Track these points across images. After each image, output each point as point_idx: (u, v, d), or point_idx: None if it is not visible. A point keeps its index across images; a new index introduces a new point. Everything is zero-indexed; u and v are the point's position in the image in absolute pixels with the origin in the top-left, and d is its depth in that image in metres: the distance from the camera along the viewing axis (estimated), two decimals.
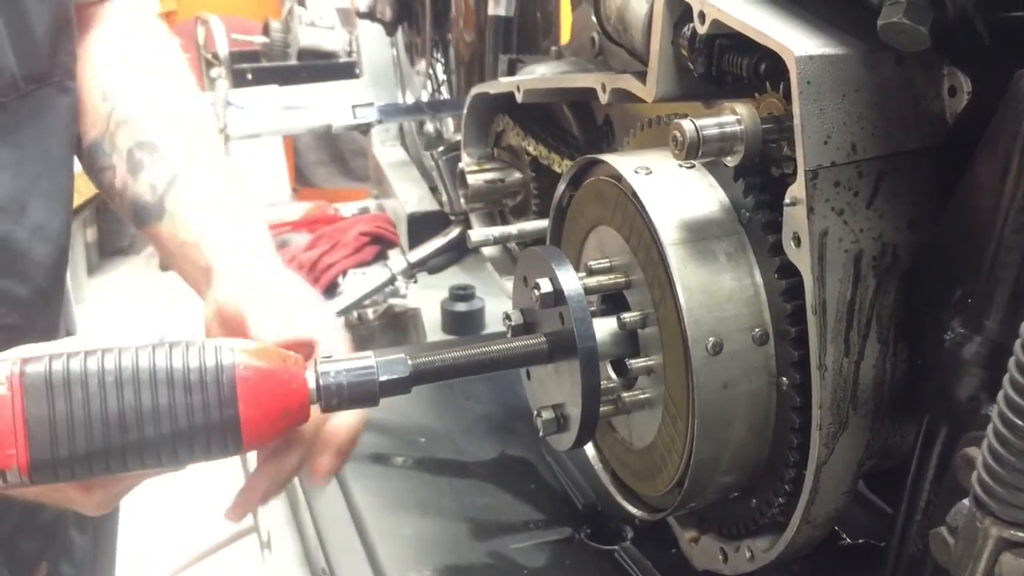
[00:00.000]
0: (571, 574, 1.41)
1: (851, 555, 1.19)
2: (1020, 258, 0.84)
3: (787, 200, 0.94)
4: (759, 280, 1.02)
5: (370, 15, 3.16)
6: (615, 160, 1.12)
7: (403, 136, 3.45)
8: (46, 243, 1.15)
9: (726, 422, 1.03)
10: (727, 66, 1.04)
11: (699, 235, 1.03)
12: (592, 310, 1.09)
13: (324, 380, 0.98)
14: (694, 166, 1.08)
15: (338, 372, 0.99)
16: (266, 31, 4.61)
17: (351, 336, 2.48)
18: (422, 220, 2.91)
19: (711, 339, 1.00)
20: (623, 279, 1.11)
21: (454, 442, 1.76)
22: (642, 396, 1.12)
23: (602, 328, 1.09)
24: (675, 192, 1.06)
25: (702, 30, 1.03)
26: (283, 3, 5.44)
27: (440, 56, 3.06)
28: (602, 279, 1.12)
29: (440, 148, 2.02)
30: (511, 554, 1.44)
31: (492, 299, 2.62)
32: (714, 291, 1.01)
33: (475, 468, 1.69)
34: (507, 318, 1.18)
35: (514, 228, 1.57)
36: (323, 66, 4.18)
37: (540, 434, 1.16)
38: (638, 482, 1.21)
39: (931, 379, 0.94)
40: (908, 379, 0.98)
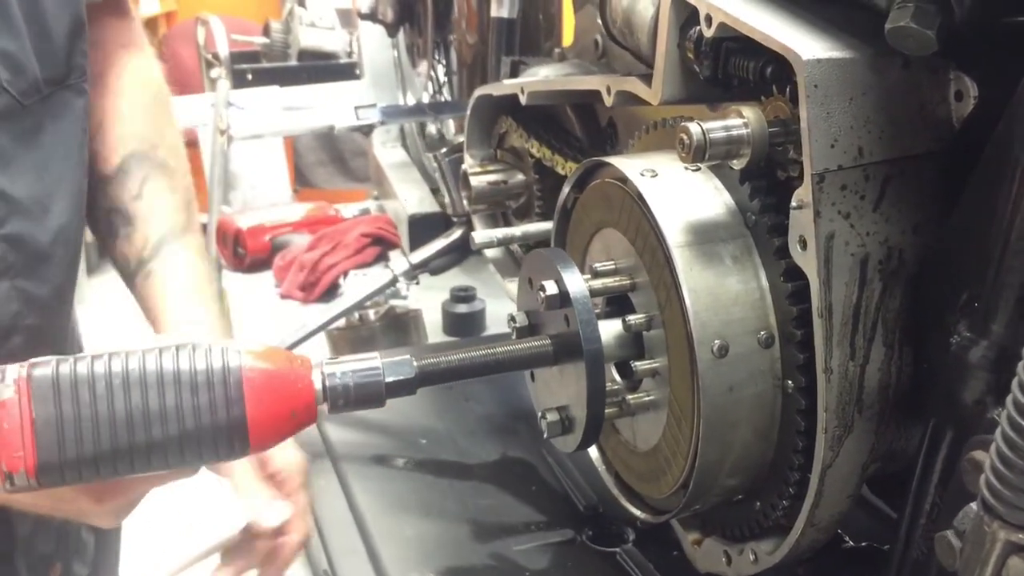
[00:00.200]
0: None
1: (854, 558, 1.19)
2: None
3: (793, 203, 0.94)
4: (765, 283, 1.02)
5: (372, 16, 3.16)
6: (621, 162, 1.12)
7: (404, 137, 3.45)
8: (66, 244, 1.16)
9: (731, 425, 1.03)
10: (733, 69, 1.04)
11: (705, 238, 1.03)
12: (596, 312, 1.09)
13: (330, 381, 0.98)
14: (700, 169, 1.08)
15: (344, 373, 0.98)
16: (266, 32, 4.61)
17: (352, 337, 2.48)
18: (423, 221, 2.91)
19: (717, 342, 1.00)
20: (628, 281, 1.12)
21: (455, 444, 1.76)
22: (647, 398, 1.12)
23: (607, 330, 1.09)
24: (681, 195, 1.06)
25: (709, 33, 1.03)
26: (283, 4, 5.44)
27: (441, 58, 3.06)
28: (607, 281, 1.13)
29: (443, 150, 2.02)
30: (513, 556, 1.44)
31: (493, 301, 2.62)
32: (720, 294, 1.01)
33: (476, 470, 1.69)
34: (512, 320, 1.18)
35: (518, 230, 1.57)
36: (323, 67, 4.18)
37: (545, 436, 1.16)
38: (642, 484, 1.21)
39: (937, 383, 0.95)
40: (913, 383, 0.98)
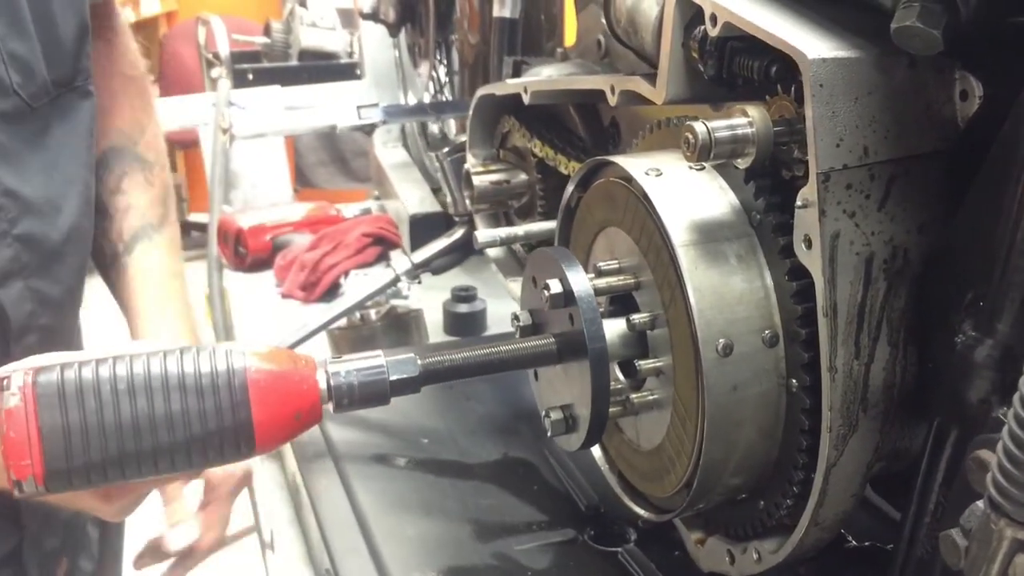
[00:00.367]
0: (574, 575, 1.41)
1: (857, 558, 1.19)
2: None
3: (799, 202, 0.94)
4: (769, 282, 1.02)
5: (373, 16, 3.16)
6: (625, 162, 1.12)
7: (405, 137, 3.45)
8: (76, 244, 1.17)
9: (736, 424, 1.03)
10: (738, 68, 1.04)
11: (710, 237, 1.03)
12: (600, 311, 1.09)
13: (335, 380, 0.98)
14: (704, 168, 1.08)
15: (348, 372, 0.99)
16: (267, 32, 4.60)
17: (353, 337, 2.48)
18: (424, 221, 2.91)
19: (721, 341, 1.00)
20: (632, 280, 1.12)
21: (457, 443, 1.76)
22: (651, 397, 1.12)
23: (611, 329, 1.10)
24: (686, 194, 1.06)
25: (713, 32, 1.03)
26: (284, 4, 5.44)
27: (443, 58, 3.06)
28: (611, 280, 1.13)
29: (445, 149, 2.01)
30: (515, 555, 1.44)
31: (494, 300, 2.61)
32: (724, 293, 1.01)
33: (478, 469, 1.69)
34: (515, 319, 1.18)
35: (521, 229, 1.57)
36: (324, 67, 4.18)
37: (548, 435, 1.16)
38: (645, 483, 1.21)
39: (941, 382, 0.95)
40: (918, 382, 0.99)
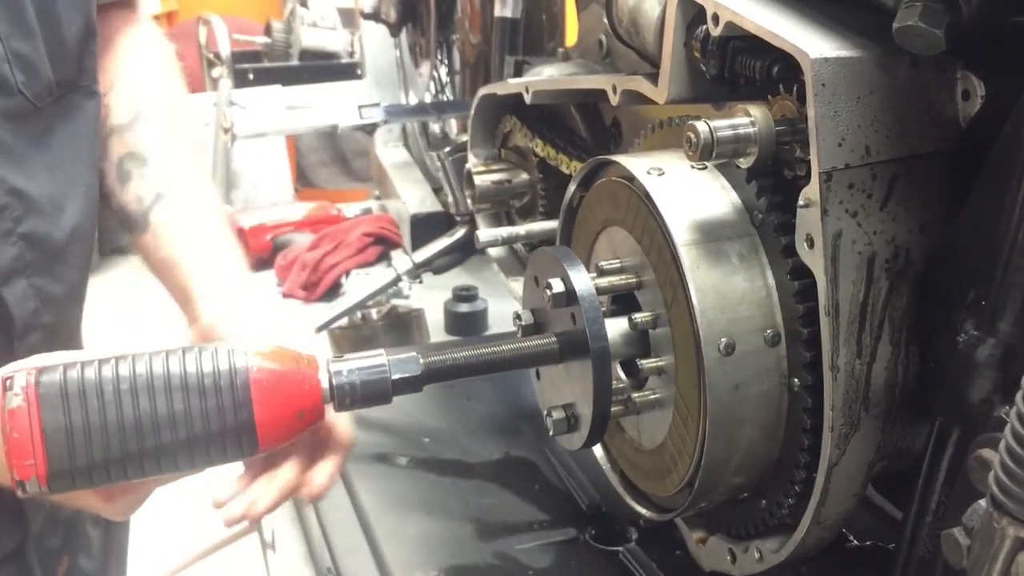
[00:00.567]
0: (576, 575, 1.41)
1: (859, 557, 1.20)
2: None
3: (801, 202, 0.94)
4: (771, 281, 1.02)
5: (374, 16, 3.16)
6: (627, 161, 1.12)
7: (406, 137, 3.45)
8: (80, 243, 1.17)
9: (737, 423, 1.03)
10: (740, 68, 1.04)
11: (712, 236, 1.03)
12: (602, 310, 1.09)
13: (337, 380, 0.98)
14: (706, 167, 1.08)
15: (351, 371, 0.99)
16: (268, 31, 4.61)
17: (354, 336, 2.48)
18: (425, 221, 2.92)
19: (723, 340, 1.00)
20: (634, 280, 1.12)
21: (458, 443, 1.76)
22: (653, 396, 1.12)
23: (613, 328, 1.10)
24: (688, 193, 1.06)
25: (715, 32, 1.03)
26: (285, 3, 5.44)
27: (444, 58, 3.06)
28: (613, 279, 1.13)
29: (446, 149, 2.02)
30: (516, 554, 1.44)
31: (495, 300, 2.62)
32: (726, 292, 1.01)
33: (479, 469, 1.69)
34: (517, 318, 1.18)
35: (522, 229, 1.57)
36: (325, 67, 4.18)
37: (550, 434, 1.16)
38: (647, 482, 1.21)
39: (943, 381, 0.95)
40: (920, 381, 0.99)
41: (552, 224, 1.47)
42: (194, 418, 0.91)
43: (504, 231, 1.59)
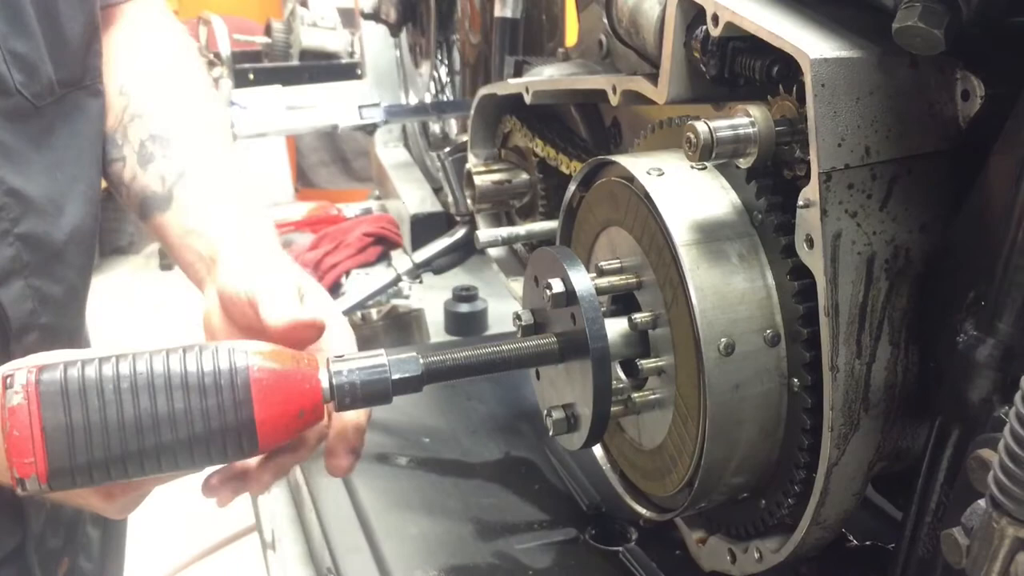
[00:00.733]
0: (576, 575, 1.41)
1: (858, 557, 1.19)
2: None
3: (800, 202, 0.94)
4: (771, 282, 1.02)
5: (375, 16, 3.17)
6: (627, 161, 1.12)
7: (406, 137, 3.46)
8: (80, 244, 1.17)
9: (737, 423, 1.03)
10: (740, 68, 1.05)
11: (711, 236, 1.03)
12: (602, 310, 1.09)
13: (337, 379, 0.98)
14: (706, 168, 1.08)
15: (351, 371, 0.99)
16: (268, 31, 4.60)
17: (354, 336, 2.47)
18: (425, 221, 2.92)
19: (723, 340, 1.00)
20: (634, 280, 1.12)
21: (459, 443, 1.76)
22: (652, 397, 1.12)
23: (613, 328, 1.10)
24: (687, 193, 1.06)
25: (715, 32, 1.03)
26: (285, 4, 5.44)
27: (444, 58, 3.06)
28: (613, 279, 1.13)
29: (446, 149, 2.02)
30: (516, 554, 1.44)
31: (495, 300, 2.62)
32: (726, 292, 1.01)
33: (480, 469, 1.69)
34: (517, 318, 1.18)
35: (522, 229, 1.58)
36: (325, 67, 4.18)
37: (550, 434, 1.16)
38: (647, 483, 1.21)
39: (943, 381, 0.95)
40: (920, 381, 0.99)
41: (552, 224, 1.48)
42: (194, 417, 0.91)
43: (504, 231, 1.59)
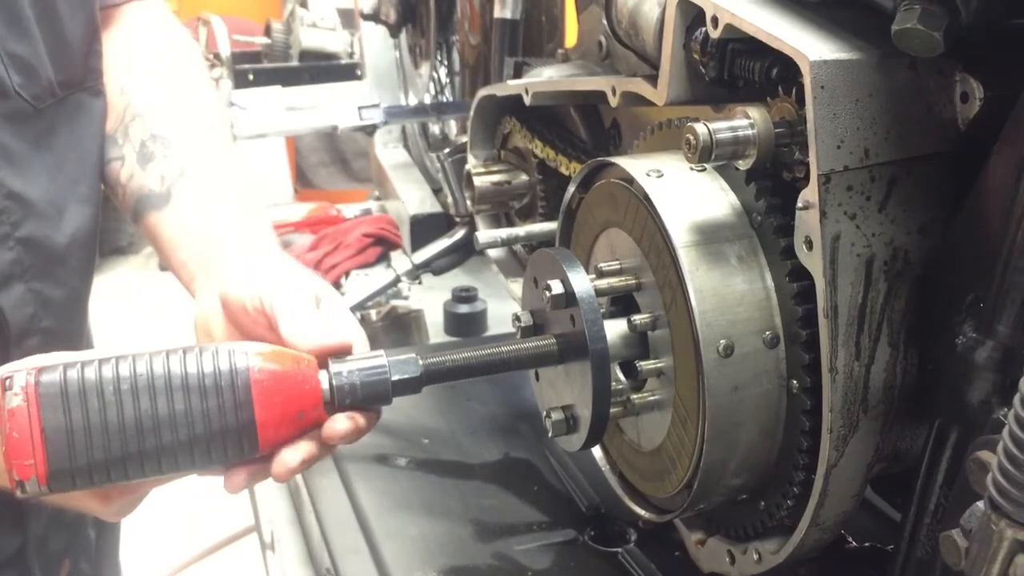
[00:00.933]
0: None
1: (857, 558, 1.20)
2: None
3: (799, 204, 0.94)
4: (770, 283, 1.02)
5: (374, 17, 3.16)
6: (626, 163, 1.12)
7: (405, 138, 3.45)
8: (81, 247, 1.16)
9: (736, 425, 1.03)
10: (739, 70, 1.05)
11: (711, 238, 1.03)
12: (602, 312, 1.09)
13: (337, 380, 0.98)
14: (705, 169, 1.09)
15: (351, 372, 0.99)
16: (268, 32, 4.60)
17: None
18: (425, 222, 2.92)
19: (722, 342, 1.00)
20: (634, 281, 1.12)
21: (458, 444, 1.76)
22: (652, 398, 1.12)
23: (612, 330, 1.10)
24: (687, 195, 1.06)
25: (715, 34, 1.04)
26: (285, 4, 5.44)
27: (444, 59, 3.06)
28: (612, 281, 1.13)
29: (446, 150, 2.02)
30: (515, 555, 1.44)
31: (495, 301, 2.62)
32: (726, 294, 1.01)
33: (479, 470, 1.69)
34: (517, 319, 1.18)
35: (522, 230, 1.58)
36: (325, 67, 4.18)
37: (549, 435, 1.16)
38: (646, 484, 1.21)
39: (942, 383, 0.95)
40: (919, 383, 0.99)
41: (551, 225, 1.48)
42: (195, 418, 0.91)
43: (503, 232, 1.59)
